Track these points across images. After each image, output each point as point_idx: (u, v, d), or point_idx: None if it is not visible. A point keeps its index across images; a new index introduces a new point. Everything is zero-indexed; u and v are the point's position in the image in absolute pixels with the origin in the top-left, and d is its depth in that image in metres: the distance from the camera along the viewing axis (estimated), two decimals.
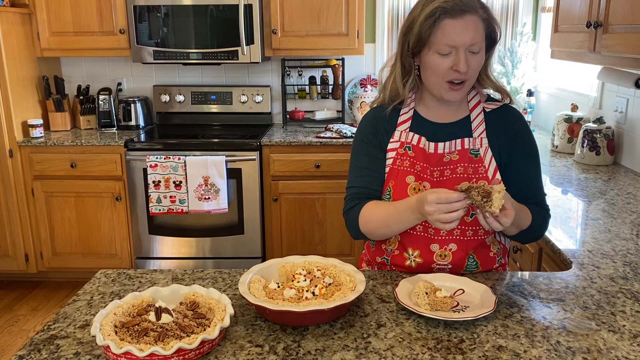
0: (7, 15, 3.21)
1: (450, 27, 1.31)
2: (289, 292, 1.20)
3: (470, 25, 1.31)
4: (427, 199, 1.23)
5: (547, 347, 1.09)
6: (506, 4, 3.70)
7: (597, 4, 2.09)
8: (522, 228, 1.39)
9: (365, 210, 1.43)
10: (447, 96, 1.39)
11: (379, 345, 1.10)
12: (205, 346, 1.04)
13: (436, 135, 1.45)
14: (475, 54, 1.35)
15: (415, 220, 1.36)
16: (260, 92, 3.75)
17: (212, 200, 3.21)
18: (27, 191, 3.38)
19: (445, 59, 1.34)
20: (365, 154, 1.50)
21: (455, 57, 1.33)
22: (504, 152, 1.43)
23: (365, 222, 1.43)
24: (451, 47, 1.32)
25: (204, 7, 3.32)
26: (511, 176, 1.31)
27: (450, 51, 1.33)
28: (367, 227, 1.44)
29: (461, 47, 1.32)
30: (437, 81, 1.38)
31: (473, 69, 1.36)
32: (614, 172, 2.52)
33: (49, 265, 3.50)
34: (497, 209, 1.18)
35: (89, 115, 3.68)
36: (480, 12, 1.34)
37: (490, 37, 1.40)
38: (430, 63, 1.36)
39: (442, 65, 1.34)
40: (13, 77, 3.27)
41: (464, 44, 1.32)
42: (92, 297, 1.32)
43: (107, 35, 3.43)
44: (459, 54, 1.32)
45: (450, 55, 1.33)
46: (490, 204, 1.18)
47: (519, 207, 1.34)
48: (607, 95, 2.82)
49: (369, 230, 1.44)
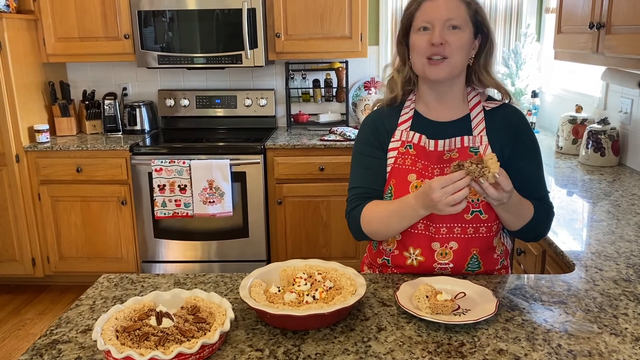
0: (13, 21, 3.24)
1: (428, 6, 1.39)
2: (290, 296, 1.20)
3: (448, 4, 1.38)
4: (431, 187, 1.25)
5: (548, 350, 1.08)
6: (510, 5, 3.69)
7: (599, 4, 2.09)
8: (525, 220, 1.40)
9: (366, 211, 1.44)
10: (428, 72, 1.42)
11: (379, 349, 1.10)
12: (205, 350, 1.04)
13: (437, 134, 1.46)
14: (455, 31, 1.38)
15: (416, 217, 1.36)
16: (264, 96, 3.76)
17: (216, 203, 3.22)
18: (34, 196, 3.40)
19: (423, 35, 1.39)
20: (365, 154, 1.51)
21: (431, 32, 1.38)
22: (505, 149, 1.43)
23: (367, 223, 1.44)
24: (428, 23, 1.38)
25: (208, 11, 3.33)
26: (513, 173, 1.31)
27: (428, 27, 1.38)
28: (369, 227, 1.44)
29: (437, 23, 1.37)
30: (419, 60, 1.42)
31: (453, 45, 1.38)
32: (618, 173, 2.50)
33: (56, 270, 3.53)
34: (496, 169, 1.21)
35: (94, 120, 3.70)
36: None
37: (479, 27, 1.43)
38: (413, 43, 1.43)
39: (421, 41, 1.40)
40: (19, 82, 3.30)
41: (440, 19, 1.37)
42: (94, 302, 1.33)
43: (112, 41, 3.46)
44: (435, 29, 1.37)
45: (428, 32, 1.39)
46: (488, 169, 1.21)
47: (519, 197, 1.36)
48: (611, 96, 2.81)
49: (371, 230, 1.45)
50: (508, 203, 1.30)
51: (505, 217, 1.39)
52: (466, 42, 1.40)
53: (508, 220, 1.40)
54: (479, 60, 1.46)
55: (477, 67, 1.47)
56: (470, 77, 1.49)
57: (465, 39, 1.40)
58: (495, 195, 1.25)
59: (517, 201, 1.34)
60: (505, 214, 1.38)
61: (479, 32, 1.44)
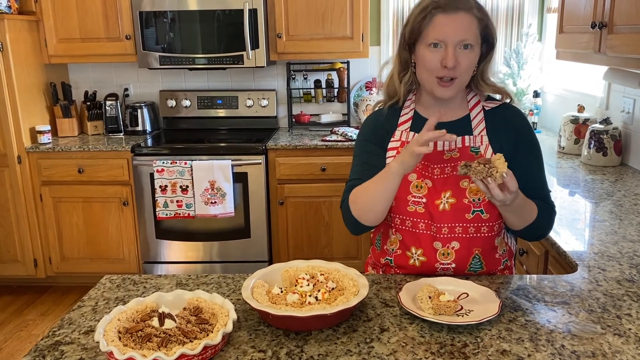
0: (14, 22, 3.25)
1: (441, 22, 1.34)
2: (292, 297, 1.20)
3: (462, 22, 1.34)
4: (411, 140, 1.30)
5: (551, 351, 1.08)
6: (511, 5, 3.69)
7: (602, 4, 2.08)
8: (528, 221, 1.39)
9: (352, 194, 1.44)
10: (437, 92, 1.41)
11: (382, 350, 1.09)
12: (208, 351, 1.04)
13: None
14: (467, 51, 1.36)
15: (396, 177, 1.34)
16: (265, 96, 3.76)
17: (218, 204, 3.22)
18: (36, 197, 3.40)
19: (435, 53, 1.36)
20: (365, 150, 1.52)
21: (444, 52, 1.35)
22: (505, 149, 1.42)
23: (353, 203, 1.43)
24: (440, 41, 1.35)
25: (210, 12, 3.33)
26: (514, 173, 1.31)
27: (440, 45, 1.35)
28: (355, 206, 1.43)
29: (450, 42, 1.34)
30: (428, 77, 1.41)
31: (464, 66, 1.36)
32: (621, 173, 2.50)
33: (58, 270, 3.53)
34: (504, 169, 1.21)
35: (96, 121, 3.70)
36: (475, 12, 1.36)
37: (486, 40, 1.41)
38: (422, 57, 1.39)
39: (432, 59, 1.37)
40: (21, 83, 3.30)
41: (454, 39, 1.34)
42: (96, 303, 1.33)
43: (114, 41, 3.46)
44: (447, 49, 1.34)
45: (440, 50, 1.36)
46: (496, 169, 1.21)
47: (524, 198, 1.35)
48: (613, 96, 2.81)
49: (358, 210, 1.43)
50: (513, 204, 1.29)
51: (509, 217, 1.39)
52: (475, 60, 1.40)
53: (512, 220, 1.40)
54: (478, 67, 1.44)
55: (476, 74, 1.45)
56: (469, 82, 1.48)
57: (475, 58, 1.39)
58: (500, 197, 1.24)
59: (521, 202, 1.34)
60: (509, 214, 1.38)
61: (483, 42, 1.41)
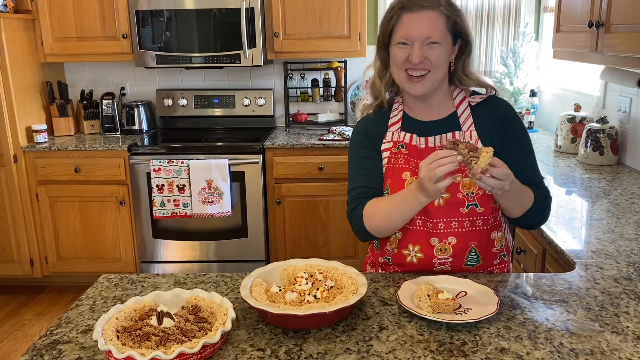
0: (10, 21, 3.23)
1: (407, 21, 1.39)
2: (291, 295, 1.20)
3: (427, 20, 1.38)
4: (420, 166, 1.28)
5: (550, 349, 1.08)
6: (508, 4, 3.69)
7: (599, 3, 2.09)
8: (526, 206, 1.41)
9: (368, 207, 1.45)
10: (407, 88, 1.44)
11: (381, 348, 1.09)
12: (206, 350, 1.04)
13: (426, 132, 1.48)
14: (434, 47, 1.39)
15: (417, 204, 1.37)
16: (262, 95, 3.75)
17: (215, 203, 3.21)
18: (32, 196, 3.39)
19: (402, 50, 1.41)
20: (361, 156, 1.53)
21: (411, 49, 1.39)
22: (494, 140, 1.44)
23: (370, 219, 1.45)
24: (407, 40, 1.39)
25: (206, 11, 3.32)
26: (506, 162, 1.32)
27: (407, 43, 1.39)
28: (371, 223, 1.45)
29: (416, 40, 1.38)
30: (398, 73, 1.45)
31: (433, 60, 1.40)
32: (617, 172, 2.50)
33: (54, 270, 3.52)
34: (479, 167, 1.20)
35: (92, 120, 3.69)
36: (443, 9, 1.39)
37: (458, 34, 1.43)
38: (392, 54, 1.44)
39: (399, 56, 1.41)
40: (17, 82, 3.29)
41: (419, 37, 1.38)
42: (94, 302, 1.32)
43: (110, 40, 3.45)
44: (414, 47, 1.39)
45: (408, 47, 1.40)
46: (477, 160, 1.20)
47: (520, 185, 1.37)
48: (610, 95, 2.81)
49: (374, 226, 1.45)
50: (509, 191, 1.30)
51: (507, 204, 1.41)
52: (445, 55, 1.42)
53: (510, 207, 1.42)
54: (457, 63, 1.48)
55: (457, 70, 1.49)
56: (452, 78, 1.51)
57: (445, 53, 1.42)
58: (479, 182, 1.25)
59: (517, 188, 1.35)
60: (506, 202, 1.39)
61: (458, 38, 1.45)
